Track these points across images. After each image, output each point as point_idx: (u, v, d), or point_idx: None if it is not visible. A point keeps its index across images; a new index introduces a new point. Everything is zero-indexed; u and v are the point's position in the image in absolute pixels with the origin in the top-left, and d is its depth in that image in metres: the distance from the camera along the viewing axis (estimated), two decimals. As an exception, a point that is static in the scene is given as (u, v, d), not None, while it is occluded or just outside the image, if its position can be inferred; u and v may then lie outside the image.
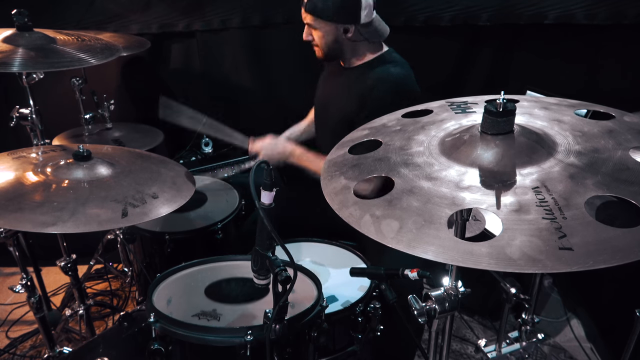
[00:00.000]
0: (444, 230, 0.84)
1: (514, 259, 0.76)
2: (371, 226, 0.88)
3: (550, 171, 0.91)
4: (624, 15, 2.28)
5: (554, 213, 0.81)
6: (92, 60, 1.69)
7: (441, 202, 0.88)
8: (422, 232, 0.84)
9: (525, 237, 0.79)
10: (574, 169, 0.91)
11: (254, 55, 2.78)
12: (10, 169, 1.46)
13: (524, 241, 0.78)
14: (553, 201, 0.84)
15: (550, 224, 0.80)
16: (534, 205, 0.84)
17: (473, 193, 0.89)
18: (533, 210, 0.83)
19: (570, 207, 0.82)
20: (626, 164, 0.91)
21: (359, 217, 0.91)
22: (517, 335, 1.40)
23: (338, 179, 1.04)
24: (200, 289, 1.51)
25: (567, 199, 0.84)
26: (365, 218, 0.90)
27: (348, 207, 0.94)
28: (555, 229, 0.79)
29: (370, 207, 0.92)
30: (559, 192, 0.86)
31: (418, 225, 0.85)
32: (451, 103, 1.25)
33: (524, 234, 0.79)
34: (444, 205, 0.88)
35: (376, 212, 0.90)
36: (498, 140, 0.97)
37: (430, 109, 1.25)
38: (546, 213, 0.82)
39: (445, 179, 0.94)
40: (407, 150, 1.06)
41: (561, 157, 0.95)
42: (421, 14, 2.53)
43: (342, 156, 1.13)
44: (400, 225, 0.86)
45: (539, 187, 0.87)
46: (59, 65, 1.67)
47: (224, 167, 2.71)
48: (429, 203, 0.89)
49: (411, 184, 0.94)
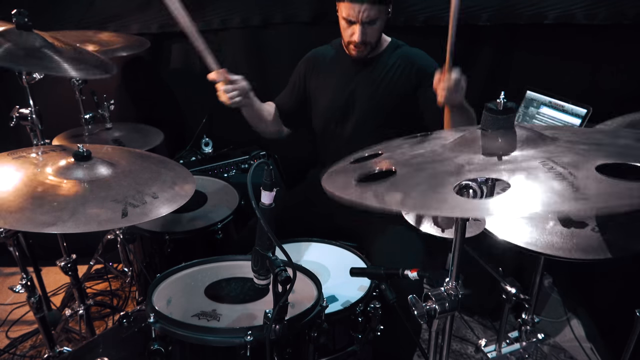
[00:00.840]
0: (450, 194, 0.84)
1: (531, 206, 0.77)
2: (373, 198, 0.88)
3: (555, 150, 0.92)
4: (624, 15, 2.28)
5: (564, 175, 0.82)
6: (75, 73, 1.66)
7: (446, 175, 0.89)
8: (427, 197, 0.84)
9: (538, 193, 0.79)
10: (579, 149, 0.92)
11: (254, 55, 2.78)
12: (11, 169, 1.46)
13: (537, 194, 0.79)
14: (562, 168, 0.84)
15: (562, 181, 0.80)
16: (543, 171, 0.84)
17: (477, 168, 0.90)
18: (542, 175, 0.83)
19: (579, 170, 0.83)
20: (631, 145, 0.92)
21: (362, 193, 0.91)
22: (517, 335, 1.40)
23: (337, 176, 1.04)
24: (200, 289, 1.50)
25: (576, 166, 0.84)
26: (368, 194, 0.90)
27: (349, 190, 0.95)
28: (568, 184, 0.79)
29: (372, 186, 0.92)
30: (566, 162, 0.86)
31: (423, 193, 0.86)
32: None
33: (536, 191, 0.80)
34: (449, 176, 0.88)
35: (379, 189, 0.91)
36: (499, 133, 0.97)
37: None
38: (556, 176, 0.82)
39: (450, 160, 0.95)
40: (410, 153, 1.06)
41: (564, 144, 0.95)
42: (421, 14, 2.53)
43: (344, 167, 1.14)
44: (404, 196, 0.87)
45: (545, 161, 0.88)
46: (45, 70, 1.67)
47: (224, 167, 2.71)
48: (433, 178, 0.89)
49: (415, 168, 0.95)
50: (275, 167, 2.82)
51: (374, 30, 1.92)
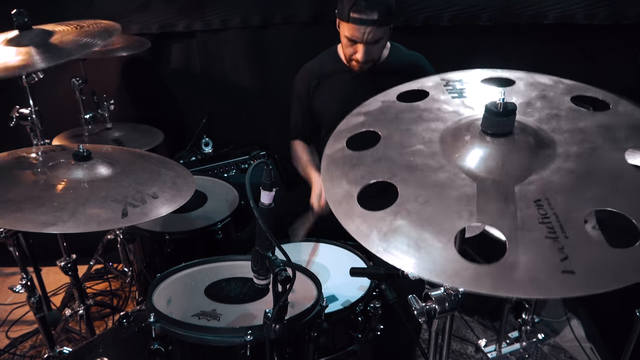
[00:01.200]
0: (451, 251, 0.83)
1: (519, 282, 0.77)
2: (380, 245, 0.89)
3: (550, 180, 0.91)
4: (624, 15, 2.28)
5: (556, 231, 0.81)
6: (96, 41, 1.70)
7: (447, 217, 0.88)
8: (430, 255, 0.84)
9: (530, 258, 0.79)
10: (573, 178, 0.91)
11: (254, 55, 2.78)
12: (11, 169, 1.46)
13: (529, 263, 0.78)
14: (555, 217, 0.83)
15: (553, 243, 0.80)
16: (537, 222, 0.83)
17: (478, 209, 0.89)
18: (536, 228, 0.83)
19: (571, 223, 0.82)
20: (622, 171, 0.91)
21: (367, 233, 0.91)
22: (517, 335, 1.40)
23: (340, 182, 1.03)
24: (200, 289, 1.50)
25: (567, 214, 0.84)
26: (372, 235, 0.90)
27: (354, 219, 0.94)
28: (558, 250, 0.79)
29: (376, 220, 0.92)
30: (559, 206, 0.85)
31: (425, 245, 0.85)
32: (446, 82, 1.24)
33: (528, 255, 0.79)
34: (450, 220, 0.87)
35: (383, 228, 0.90)
36: (498, 145, 0.97)
37: (425, 89, 1.23)
38: (549, 231, 0.81)
39: (449, 187, 0.93)
40: (408, 148, 1.05)
41: (560, 163, 0.94)
42: (421, 14, 2.53)
43: (341, 151, 1.11)
44: (407, 245, 0.86)
45: (540, 200, 0.87)
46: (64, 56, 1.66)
47: (224, 167, 2.71)
48: (434, 219, 0.88)
49: (414, 193, 0.94)
50: (275, 167, 2.82)
51: (377, 48, 1.92)
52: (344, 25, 1.89)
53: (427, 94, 1.21)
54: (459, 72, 1.28)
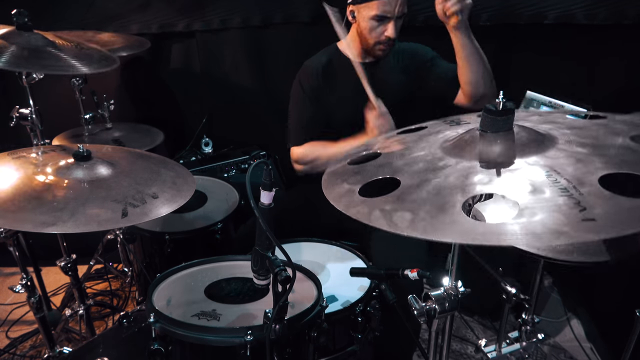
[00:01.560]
0: (459, 215, 0.83)
1: (538, 233, 0.76)
2: (382, 219, 0.87)
3: (556, 158, 0.91)
4: (624, 15, 2.28)
5: (570, 191, 0.81)
6: (84, 69, 1.69)
7: (451, 191, 0.88)
8: (436, 219, 0.83)
9: (546, 214, 0.78)
10: (579, 155, 0.91)
11: (254, 55, 2.78)
12: (10, 169, 1.46)
13: (546, 217, 0.78)
14: (566, 181, 0.83)
15: (569, 199, 0.79)
16: (548, 185, 0.83)
17: (482, 182, 0.89)
18: (548, 189, 0.83)
19: (584, 185, 0.82)
20: (629, 146, 0.91)
21: (368, 212, 0.90)
22: (517, 335, 1.40)
23: (341, 186, 1.04)
24: (200, 289, 1.50)
25: (579, 179, 0.83)
26: (375, 213, 0.89)
27: (355, 207, 0.94)
28: (575, 204, 0.78)
29: (378, 203, 0.91)
30: (569, 174, 0.85)
31: (432, 214, 0.84)
32: (445, 120, 1.26)
33: (543, 211, 0.79)
34: (454, 193, 0.87)
35: (385, 207, 0.89)
36: (499, 138, 0.97)
37: (424, 125, 1.25)
38: (562, 191, 0.81)
39: (452, 171, 0.94)
40: (409, 155, 1.06)
41: (564, 147, 0.95)
42: (421, 14, 2.53)
43: (342, 167, 1.13)
44: (412, 216, 0.85)
45: (549, 172, 0.87)
46: (52, 69, 1.68)
47: (224, 167, 2.71)
48: (439, 194, 0.88)
49: (418, 179, 0.94)
50: (275, 167, 2.82)
51: (400, 24, 1.93)
52: (370, 5, 1.87)
53: (424, 127, 1.23)
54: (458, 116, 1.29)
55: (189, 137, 2.90)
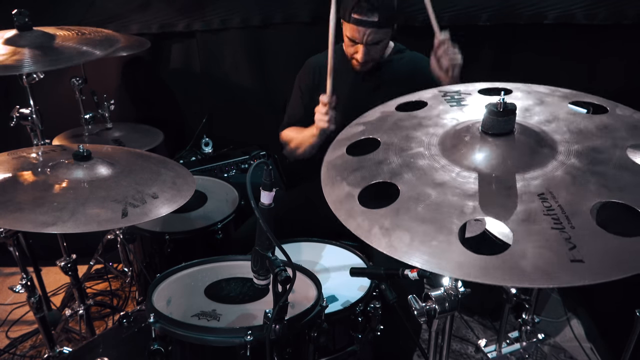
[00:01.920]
0: (455, 244, 0.83)
1: (528, 272, 0.76)
2: (382, 239, 0.87)
3: (553, 175, 0.91)
4: (624, 15, 2.28)
5: (562, 222, 0.81)
6: (96, 51, 1.70)
7: (450, 212, 0.88)
8: (434, 248, 0.83)
9: (536, 249, 0.78)
10: (576, 172, 0.91)
11: (254, 55, 2.78)
12: (10, 169, 1.46)
13: (536, 253, 0.77)
14: (560, 209, 0.83)
15: (560, 234, 0.79)
16: (542, 213, 0.83)
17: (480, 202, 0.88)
18: (541, 219, 0.82)
19: (577, 215, 0.82)
20: (625, 165, 0.91)
21: (368, 229, 0.90)
22: (517, 335, 1.40)
23: (340, 185, 1.03)
24: (200, 289, 1.51)
25: (572, 206, 0.83)
26: (374, 231, 0.89)
27: (355, 217, 0.94)
28: (565, 240, 0.78)
29: (377, 217, 0.91)
30: (564, 198, 0.85)
31: (429, 238, 0.84)
32: (444, 93, 1.25)
33: (534, 246, 0.78)
34: (452, 216, 0.87)
35: (385, 223, 0.89)
36: (499, 143, 0.97)
37: (424, 100, 1.24)
38: (554, 223, 0.81)
39: (451, 185, 0.93)
40: (408, 151, 1.06)
41: (562, 159, 0.94)
42: (421, 14, 2.52)
43: (340, 157, 1.12)
44: (411, 238, 0.85)
45: (544, 194, 0.86)
46: (62, 62, 1.67)
47: (224, 167, 2.71)
48: (437, 212, 0.88)
49: (417, 191, 0.94)
50: (275, 167, 2.82)
51: (377, 49, 1.92)
52: (345, 25, 1.89)
53: (425, 103, 1.22)
54: (457, 85, 1.29)
55: (189, 137, 2.90)
